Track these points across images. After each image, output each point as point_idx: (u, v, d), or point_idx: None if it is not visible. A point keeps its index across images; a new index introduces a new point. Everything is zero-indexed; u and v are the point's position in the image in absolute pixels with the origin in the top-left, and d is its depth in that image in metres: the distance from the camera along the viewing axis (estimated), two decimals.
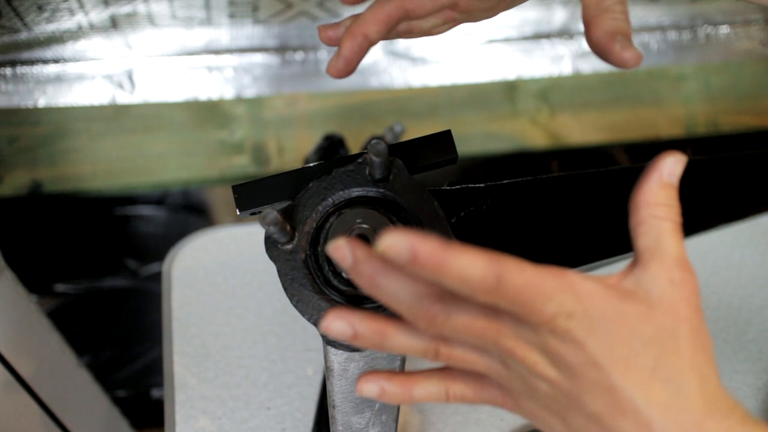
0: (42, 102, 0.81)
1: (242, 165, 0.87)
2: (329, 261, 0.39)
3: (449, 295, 0.28)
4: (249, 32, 0.83)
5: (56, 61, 0.80)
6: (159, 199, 1.12)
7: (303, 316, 0.39)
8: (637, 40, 0.93)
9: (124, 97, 0.84)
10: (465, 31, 0.88)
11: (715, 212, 0.52)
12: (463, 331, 0.28)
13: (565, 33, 0.92)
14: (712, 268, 0.73)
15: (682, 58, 0.96)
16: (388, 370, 0.32)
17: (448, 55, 0.91)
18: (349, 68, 0.37)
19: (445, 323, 0.28)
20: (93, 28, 0.77)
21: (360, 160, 0.40)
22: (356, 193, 0.40)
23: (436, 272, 0.26)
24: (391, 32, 0.38)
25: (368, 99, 0.89)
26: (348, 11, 0.82)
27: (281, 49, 0.86)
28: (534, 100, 0.94)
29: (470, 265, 0.26)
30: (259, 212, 0.42)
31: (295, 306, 0.39)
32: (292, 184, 0.41)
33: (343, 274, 0.38)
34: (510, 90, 0.94)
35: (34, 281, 0.93)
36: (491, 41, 0.91)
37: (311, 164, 0.42)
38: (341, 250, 0.27)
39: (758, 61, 0.97)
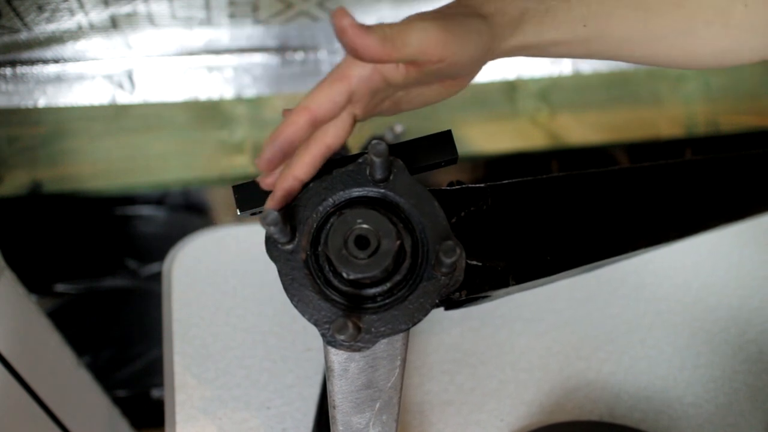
0: (42, 102, 0.81)
1: (242, 165, 0.87)
2: (329, 261, 0.39)
3: None
4: (249, 32, 0.83)
5: (56, 61, 0.80)
6: (159, 199, 1.12)
7: (303, 316, 0.39)
8: None
9: (124, 97, 0.84)
10: None
11: (715, 212, 0.52)
12: None
13: None
14: (712, 268, 0.73)
15: None
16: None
17: None
18: (283, 204, 0.41)
19: None
20: (93, 28, 0.77)
21: (360, 160, 0.40)
22: (357, 194, 0.40)
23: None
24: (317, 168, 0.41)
25: None
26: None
27: (281, 49, 0.86)
28: (534, 100, 0.94)
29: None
30: (260, 212, 0.42)
31: (296, 306, 0.39)
32: None
33: (344, 274, 0.38)
34: (510, 90, 0.94)
35: (34, 281, 0.93)
36: None
37: None
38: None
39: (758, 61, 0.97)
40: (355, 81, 0.38)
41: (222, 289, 0.68)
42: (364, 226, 0.38)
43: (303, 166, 0.40)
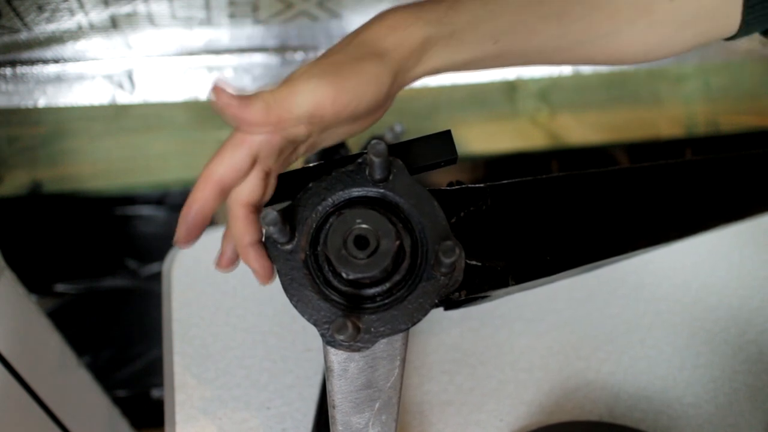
0: (42, 102, 0.81)
1: None
2: (329, 261, 0.39)
3: None
4: (249, 32, 0.83)
5: (56, 61, 0.80)
6: (159, 199, 1.12)
7: (303, 316, 0.39)
8: None
9: (124, 97, 0.84)
10: None
11: (715, 212, 0.52)
12: None
13: None
14: (712, 268, 0.73)
15: (682, 58, 0.96)
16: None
17: None
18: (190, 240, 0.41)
19: None
20: (93, 28, 0.77)
21: (360, 160, 0.40)
22: (356, 194, 0.40)
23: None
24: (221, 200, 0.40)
25: None
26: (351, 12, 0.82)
27: (281, 49, 0.86)
28: (534, 100, 0.94)
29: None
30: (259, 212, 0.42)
31: (295, 306, 0.39)
32: (292, 184, 0.41)
33: (343, 274, 0.38)
34: (510, 90, 0.94)
35: (34, 281, 0.93)
36: None
37: (311, 164, 0.42)
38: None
39: (758, 61, 0.97)
40: (255, 144, 0.37)
41: (222, 289, 0.68)
42: (364, 226, 0.38)
43: (234, 228, 0.39)
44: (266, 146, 0.37)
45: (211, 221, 0.38)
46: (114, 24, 0.77)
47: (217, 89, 0.34)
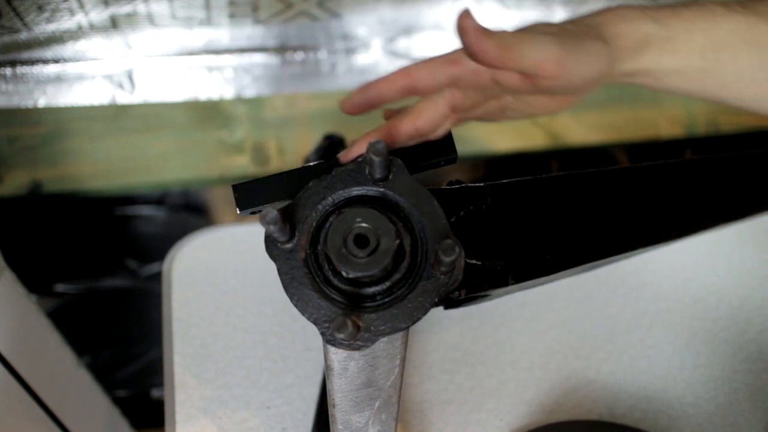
0: (42, 102, 0.81)
1: (242, 165, 0.87)
2: (329, 260, 0.39)
3: None
4: (249, 32, 0.83)
5: (56, 61, 0.80)
6: (159, 199, 1.12)
7: (303, 315, 0.39)
8: None
9: (124, 97, 0.84)
10: None
11: (715, 212, 0.52)
12: None
13: None
14: (712, 268, 0.73)
15: None
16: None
17: None
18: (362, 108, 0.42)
19: None
20: (93, 28, 0.77)
21: (360, 159, 0.40)
22: (356, 193, 0.40)
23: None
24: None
25: None
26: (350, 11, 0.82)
27: (281, 49, 0.86)
28: None
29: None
30: (260, 211, 0.42)
31: (295, 305, 0.39)
32: (292, 183, 0.42)
33: (344, 273, 0.38)
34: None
35: (34, 281, 0.93)
36: None
37: (311, 164, 0.42)
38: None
39: None
40: (463, 68, 0.39)
41: (222, 289, 0.68)
42: (364, 224, 0.38)
43: (381, 135, 0.40)
44: (471, 76, 0.39)
45: (211, 221, 0.38)
46: (114, 24, 0.77)
47: (465, 13, 0.35)
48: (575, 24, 0.41)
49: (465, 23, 0.35)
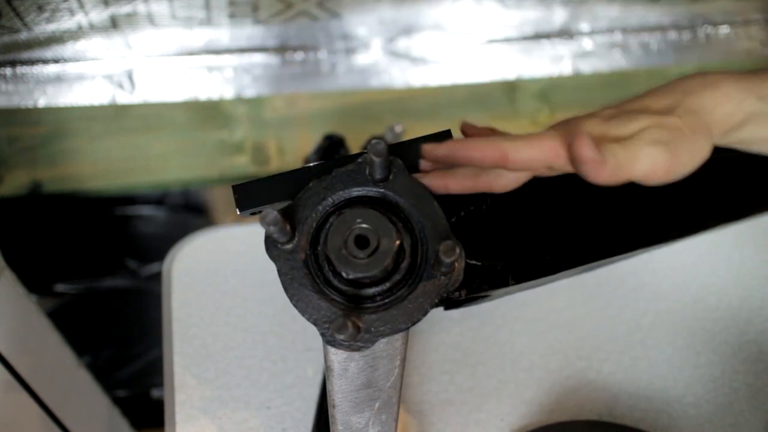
0: (42, 102, 0.81)
1: (242, 165, 0.87)
2: (329, 260, 0.39)
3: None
4: (249, 32, 0.83)
5: (56, 61, 0.80)
6: (159, 199, 1.12)
7: (303, 315, 0.39)
8: (637, 40, 0.93)
9: (124, 97, 0.84)
10: (465, 30, 0.88)
11: (715, 212, 0.52)
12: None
13: (565, 33, 0.92)
14: (712, 268, 0.73)
15: (682, 58, 0.96)
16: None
17: (448, 55, 0.91)
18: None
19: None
20: (93, 28, 0.77)
21: (360, 160, 0.40)
22: (356, 193, 0.40)
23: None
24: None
25: (368, 99, 0.89)
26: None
27: (281, 49, 0.86)
28: (534, 100, 0.94)
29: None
30: (259, 212, 0.42)
31: (295, 306, 0.39)
32: (292, 184, 0.41)
33: (343, 274, 0.38)
34: (510, 90, 0.94)
35: (34, 281, 0.93)
36: (491, 41, 0.91)
37: (311, 164, 0.42)
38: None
39: (758, 61, 0.97)
40: (554, 155, 0.38)
41: (222, 289, 0.68)
42: (364, 225, 0.38)
43: (457, 186, 0.41)
44: (560, 161, 0.39)
45: (211, 221, 0.38)
46: (114, 24, 0.77)
47: (582, 141, 0.36)
48: (677, 107, 0.40)
49: (584, 154, 0.35)
